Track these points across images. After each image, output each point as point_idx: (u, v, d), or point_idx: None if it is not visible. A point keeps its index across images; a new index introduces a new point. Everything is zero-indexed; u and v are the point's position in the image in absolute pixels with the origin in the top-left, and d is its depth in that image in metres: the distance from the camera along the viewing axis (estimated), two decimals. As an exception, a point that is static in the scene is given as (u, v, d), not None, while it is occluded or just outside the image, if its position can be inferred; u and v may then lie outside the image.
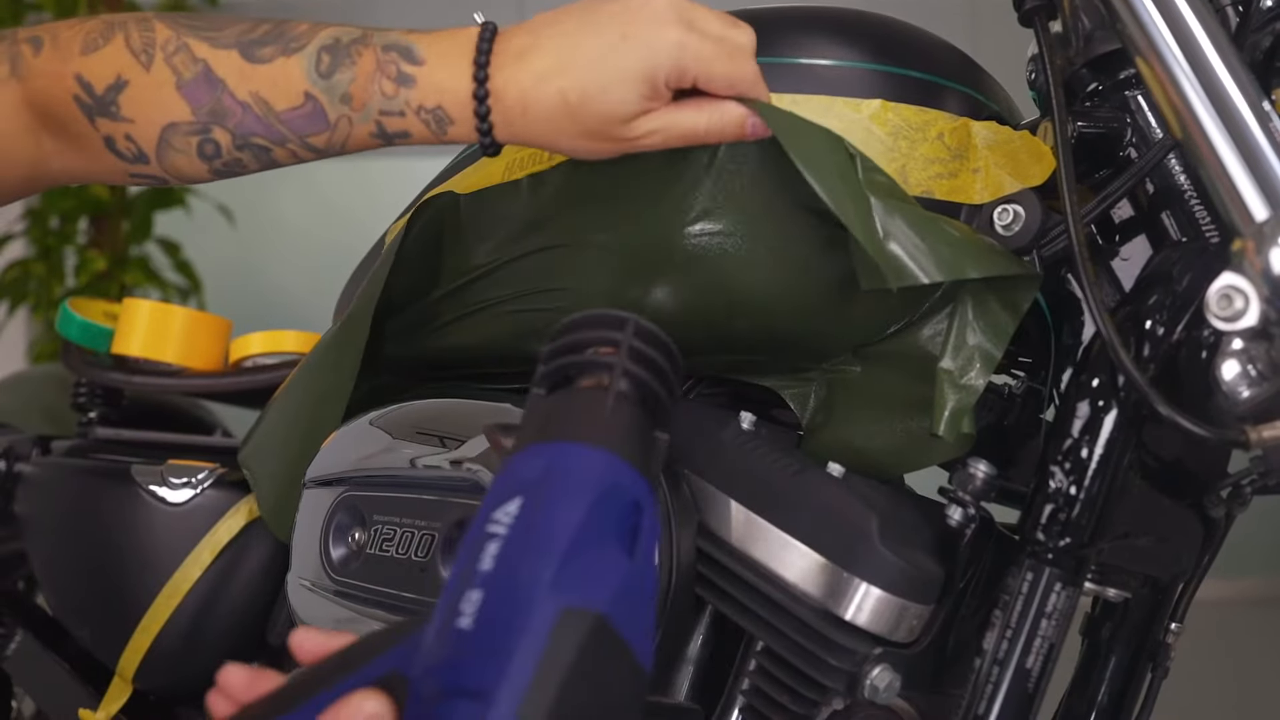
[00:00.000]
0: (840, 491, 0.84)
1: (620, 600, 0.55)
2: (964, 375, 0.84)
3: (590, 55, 0.77)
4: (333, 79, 0.79)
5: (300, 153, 0.82)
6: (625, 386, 0.61)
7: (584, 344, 0.63)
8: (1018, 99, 0.97)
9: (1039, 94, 0.93)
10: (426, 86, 0.79)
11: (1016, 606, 0.81)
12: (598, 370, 0.61)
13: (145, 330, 1.36)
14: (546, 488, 0.57)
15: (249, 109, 0.80)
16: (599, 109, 0.77)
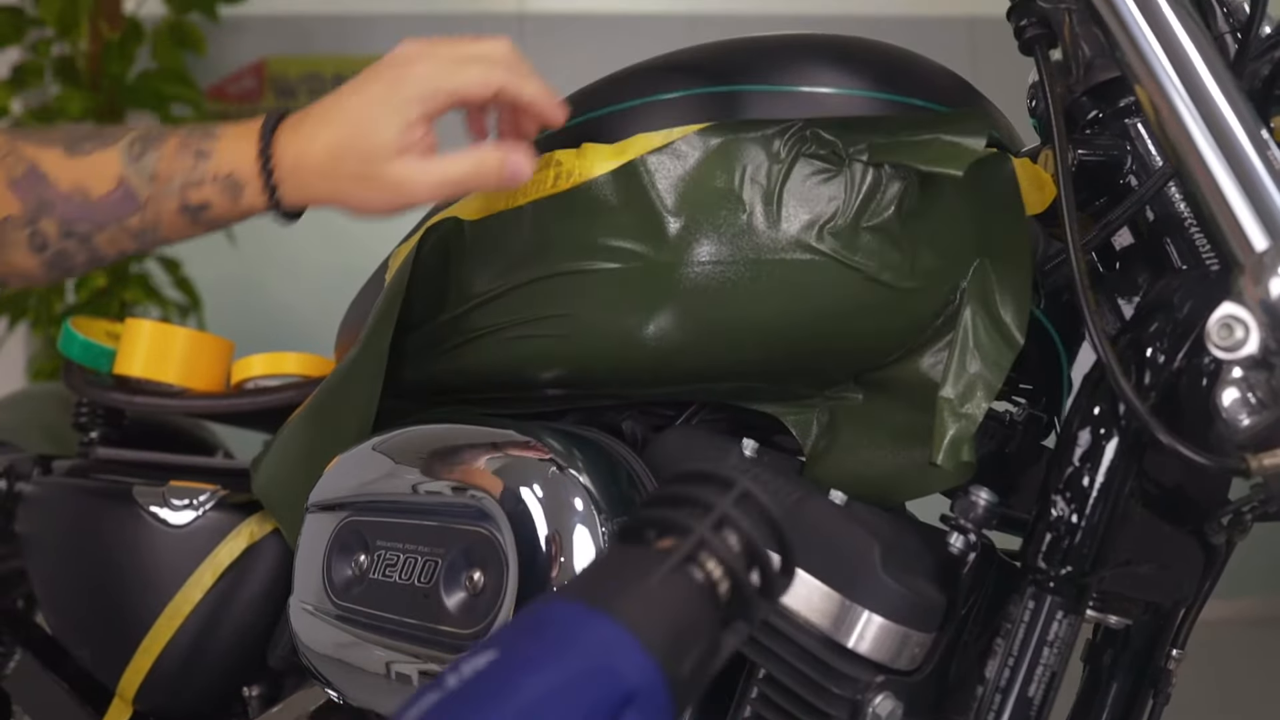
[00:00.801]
0: (842, 519, 0.84)
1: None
2: (964, 403, 0.84)
3: (347, 105, 0.84)
4: (142, 161, 0.87)
5: (119, 238, 0.88)
6: (695, 560, 0.53)
7: (679, 499, 0.56)
8: (1018, 127, 0.97)
9: (1039, 121, 0.94)
10: (221, 158, 0.86)
11: (1018, 634, 0.81)
12: (675, 533, 0.55)
13: (147, 350, 1.36)
14: (525, 646, 0.51)
15: (70, 199, 0.87)
16: (360, 149, 0.83)
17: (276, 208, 0.87)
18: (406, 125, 0.82)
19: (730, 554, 0.54)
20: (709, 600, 0.53)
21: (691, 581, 0.53)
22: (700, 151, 0.86)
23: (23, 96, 3.19)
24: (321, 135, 0.84)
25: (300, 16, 3.70)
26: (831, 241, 0.84)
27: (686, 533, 0.54)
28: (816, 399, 0.92)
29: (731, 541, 0.54)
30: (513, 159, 0.84)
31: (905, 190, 0.84)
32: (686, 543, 0.54)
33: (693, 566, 0.53)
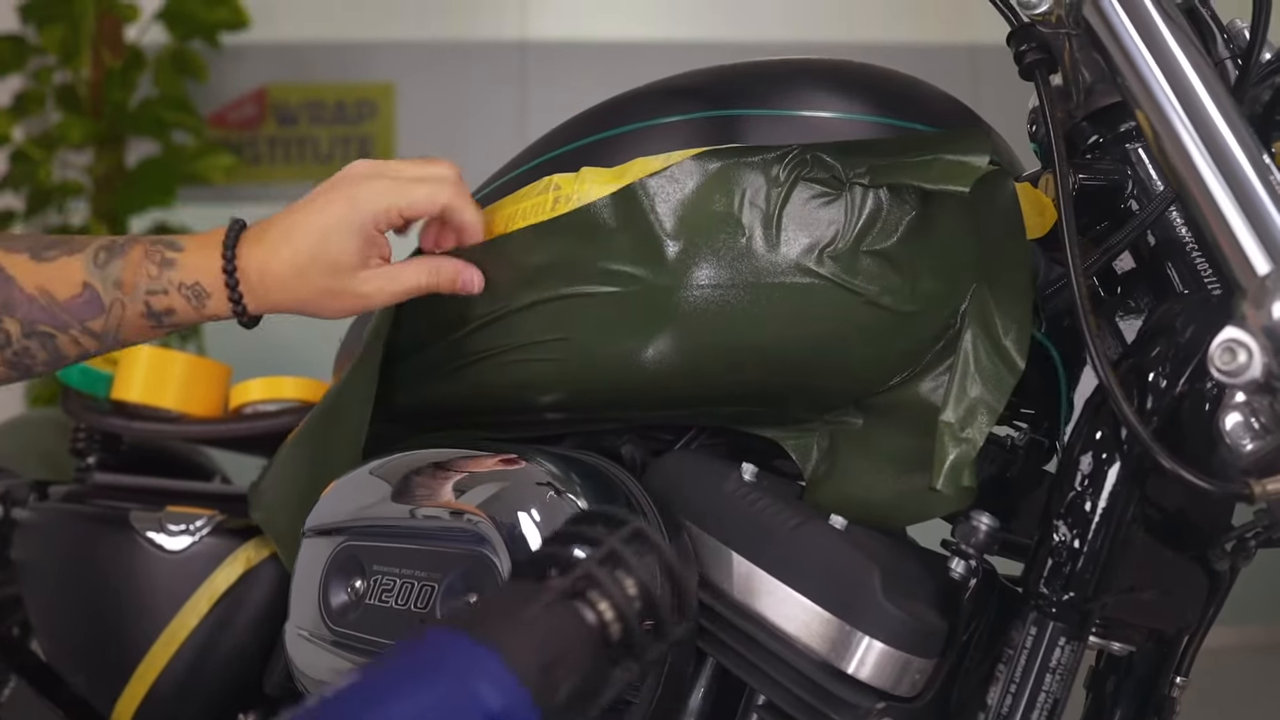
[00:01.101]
0: (842, 544, 0.83)
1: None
2: (965, 428, 0.84)
3: (309, 222, 0.89)
4: (107, 269, 0.90)
5: (82, 339, 0.91)
6: (584, 598, 0.55)
7: (572, 537, 0.58)
8: (1019, 153, 0.97)
9: (1040, 146, 0.94)
10: (185, 267, 0.90)
11: (1020, 661, 0.80)
12: (562, 568, 0.56)
13: (145, 376, 1.36)
14: (395, 667, 0.51)
15: (35, 300, 0.90)
16: (323, 264, 0.88)
17: (241, 315, 0.91)
18: (366, 241, 0.88)
19: (622, 596, 0.55)
20: (596, 638, 0.54)
21: (579, 618, 0.54)
22: (699, 175, 0.86)
23: (24, 124, 3.20)
24: (284, 251, 0.88)
25: (301, 44, 3.71)
26: (831, 265, 0.84)
27: (573, 567, 0.55)
28: (816, 423, 0.92)
29: (626, 584, 0.56)
30: (466, 273, 0.90)
31: (905, 214, 0.84)
32: (570, 576, 0.55)
33: (582, 605, 0.54)
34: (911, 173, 0.82)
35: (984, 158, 0.81)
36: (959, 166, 0.81)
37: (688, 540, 0.87)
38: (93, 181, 3.16)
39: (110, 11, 3.17)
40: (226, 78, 3.57)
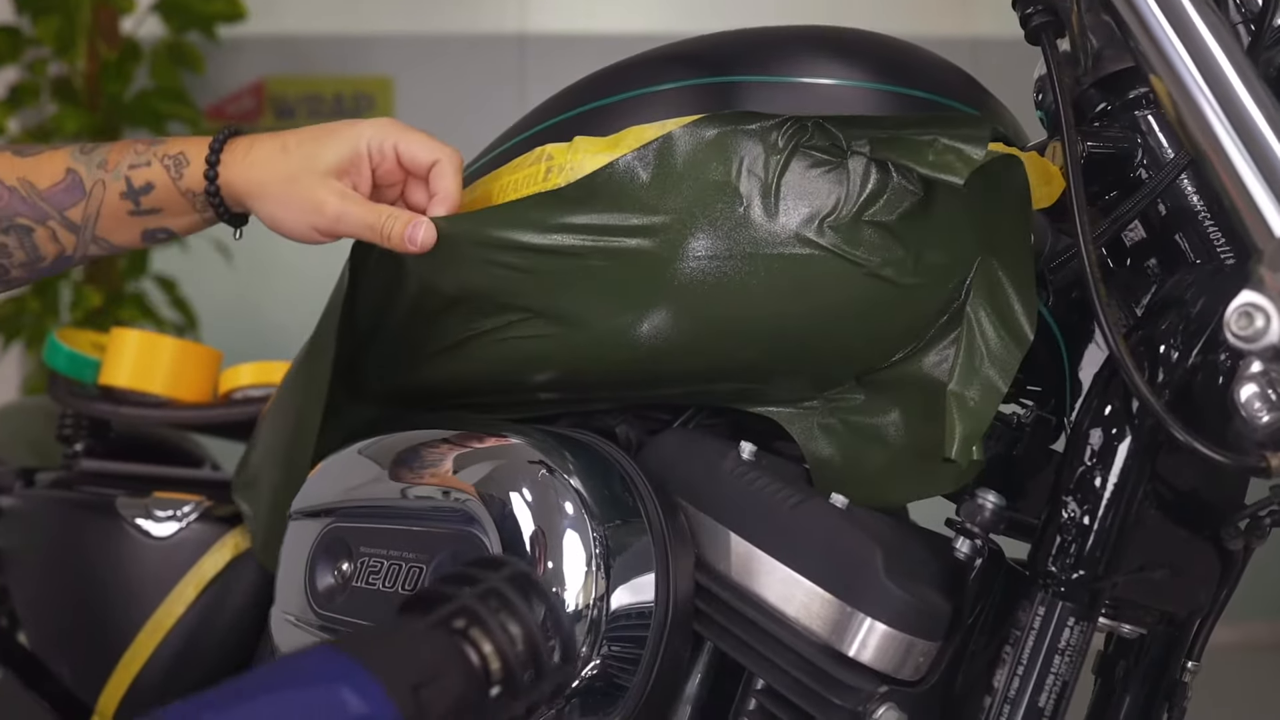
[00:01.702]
0: (843, 523, 0.81)
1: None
2: (973, 400, 0.81)
3: (314, 126, 0.90)
4: (92, 155, 0.90)
5: (60, 232, 0.90)
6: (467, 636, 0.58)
7: (461, 578, 0.61)
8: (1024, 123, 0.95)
9: (1046, 114, 0.91)
10: (173, 144, 0.90)
11: (1028, 642, 0.78)
12: (444, 602, 0.59)
13: (133, 361, 1.33)
14: (270, 675, 0.55)
15: (15, 192, 0.90)
16: (307, 153, 0.87)
17: (212, 183, 0.88)
18: (354, 158, 0.87)
19: (502, 633, 0.58)
20: (474, 670, 0.57)
21: (455, 647, 0.57)
22: (695, 143, 0.83)
23: (20, 116, 3.17)
24: (279, 137, 0.89)
25: (299, 37, 3.69)
26: (832, 235, 0.81)
27: (452, 600, 0.58)
28: (817, 401, 0.89)
29: (512, 629, 0.59)
30: (419, 226, 0.86)
31: (908, 184, 0.81)
32: (449, 608, 0.58)
33: (460, 639, 0.57)
34: (910, 151, 0.80)
35: (981, 149, 0.78)
36: (957, 154, 0.78)
37: (684, 521, 0.84)
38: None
39: (106, 3, 3.14)
40: (224, 70, 3.55)
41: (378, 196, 0.91)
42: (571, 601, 0.78)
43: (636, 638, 0.80)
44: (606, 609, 0.79)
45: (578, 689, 0.79)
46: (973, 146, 0.79)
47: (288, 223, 0.88)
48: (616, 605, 0.80)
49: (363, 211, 0.86)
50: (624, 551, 0.81)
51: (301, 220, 0.87)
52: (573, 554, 0.79)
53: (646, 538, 0.82)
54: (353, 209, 0.86)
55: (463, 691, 0.57)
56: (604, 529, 0.80)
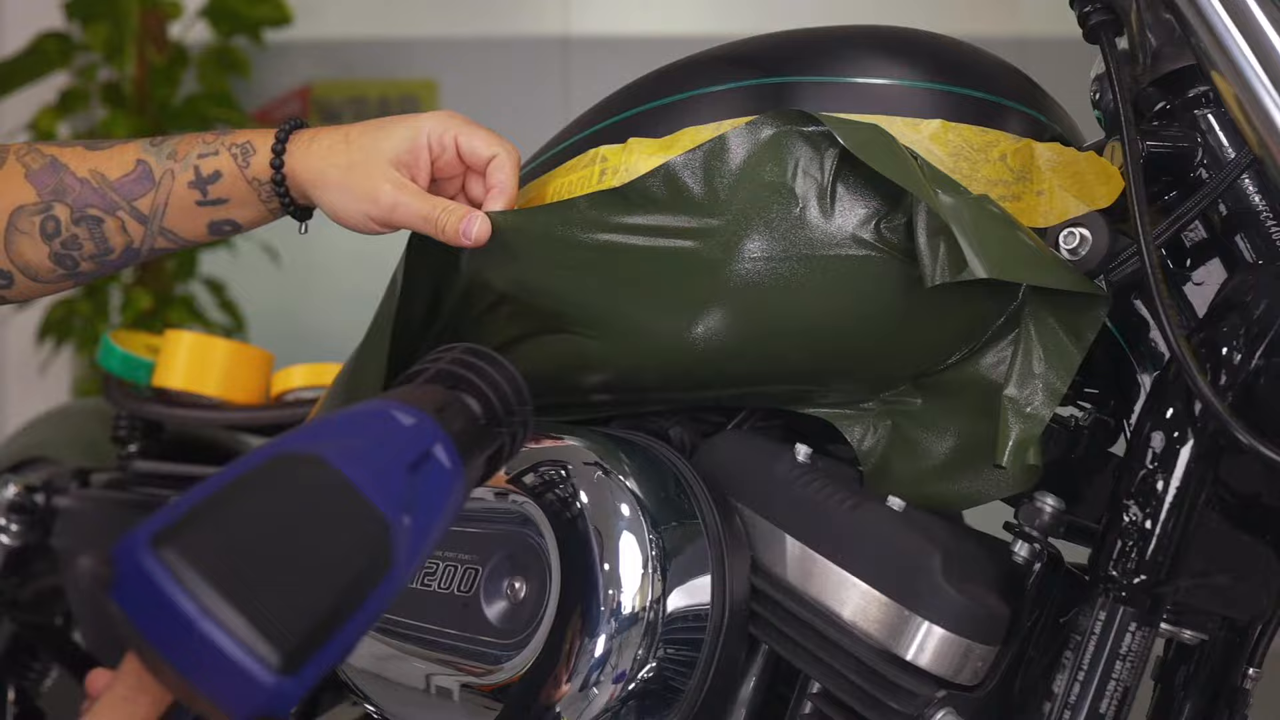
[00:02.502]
0: (900, 526, 0.80)
1: (356, 459, 0.59)
2: (1029, 404, 0.80)
3: (379, 120, 0.91)
4: (162, 146, 0.92)
5: (129, 223, 0.92)
6: (434, 375, 0.72)
7: (434, 359, 0.74)
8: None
9: (1104, 114, 0.90)
10: (241, 134, 0.92)
11: (1089, 647, 0.77)
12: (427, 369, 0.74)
13: (187, 363, 1.35)
14: (347, 412, 0.66)
15: (87, 183, 0.91)
16: (368, 142, 0.89)
17: (279, 170, 0.90)
18: (415, 150, 0.88)
19: (484, 391, 0.71)
20: (472, 412, 0.70)
21: (435, 382, 0.72)
22: (750, 145, 0.83)
23: (70, 121, 3.21)
24: (342, 128, 0.91)
25: (345, 41, 3.71)
26: (889, 236, 0.81)
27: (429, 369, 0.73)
28: (873, 403, 0.89)
29: (489, 390, 0.72)
30: (474, 219, 0.86)
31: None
32: (430, 369, 0.72)
33: (459, 396, 0.71)
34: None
35: None
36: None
37: (739, 523, 0.84)
38: (138, 178, 3.17)
39: (154, 8, 3.17)
40: (270, 75, 3.58)
41: (437, 190, 0.91)
42: (628, 604, 0.78)
43: (692, 640, 0.80)
44: (663, 611, 0.79)
45: (634, 691, 0.79)
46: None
47: (346, 211, 0.89)
48: (672, 608, 0.80)
49: (419, 203, 0.87)
50: (680, 554, 0.81)
51: (358, 209, 0.88)
52: (629, 556, 0.79)
53: (702, 540, 0.82)
54: (409, 199, 0.87)
55: (465, 416, 0.69)
56: (660, 531, 0.80)
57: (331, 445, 0.60)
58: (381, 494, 0.59)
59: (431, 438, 0.65)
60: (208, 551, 0.53)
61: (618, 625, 0.78)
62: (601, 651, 0.78)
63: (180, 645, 0.52)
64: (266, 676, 0.51)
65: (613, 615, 0.78)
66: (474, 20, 3.76)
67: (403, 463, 0.62)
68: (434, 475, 0.64)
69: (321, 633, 0.54)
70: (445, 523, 0.65)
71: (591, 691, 0.79)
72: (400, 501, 0.60)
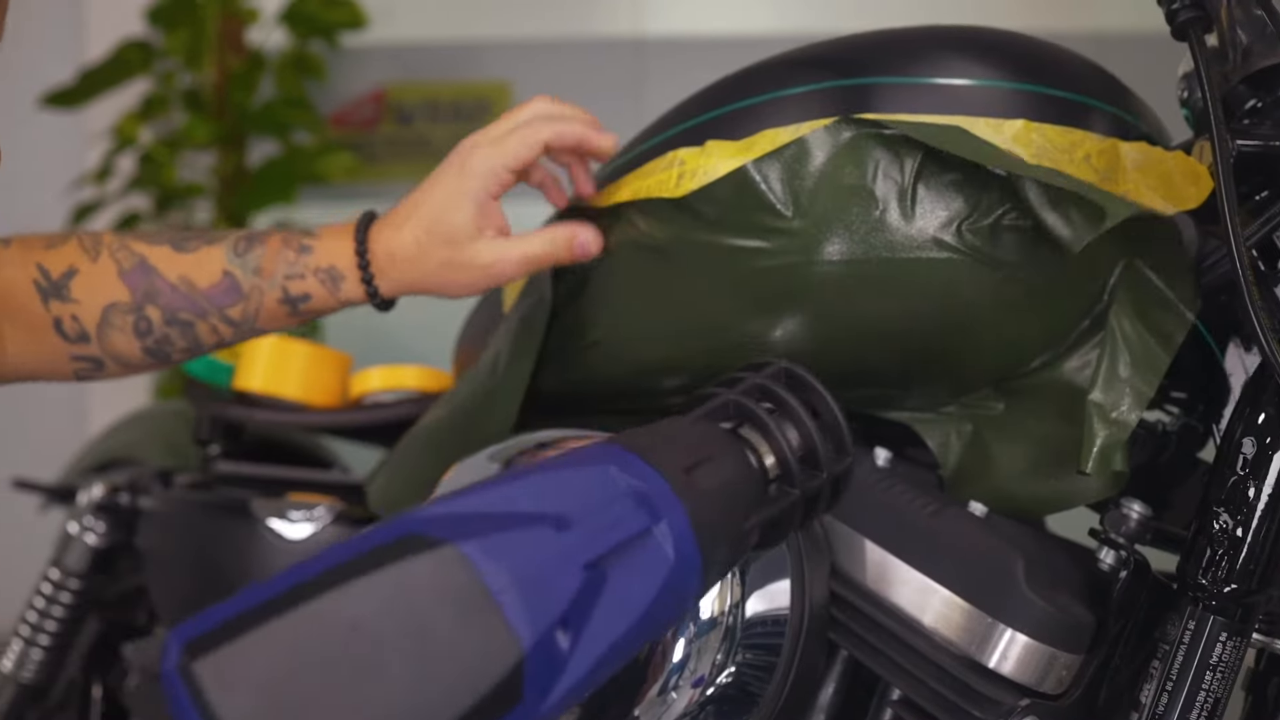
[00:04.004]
0: (983, 532, 0.79)
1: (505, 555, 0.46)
2: (1115, 409, 0.79)
3: (426, 199, 0.91)
4: (246, 257, 0.93)
5: (220, 327, 0.95)
6: (713, 413, 0.58)
7: (731, 381, 0.61)
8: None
9: (1192, 112, 0.88)
10: (321, 252, 0.93)
11: (1178, 657, 0.75)
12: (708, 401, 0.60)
13: (266, 366, 1.36)
14: (544, 460, 0.54)
15: (177, 289, 0.93)
16: (441, 235, 0.90)
17: (374, 297, 0.93)
18: (480, 210, 0.89)
19: (774, 431, 0.57)
20: (749, 463, 0.57)
21: (722, 431, 0.57)
22: (830, 147, 0.82)
23: (151, 126, 3.26)
24: (408, 227, 0.91)
25: (419, 44, 3.73)
26: (970, 239, 0.80)
27: (715, 398, 0.60)
28: (953, 407, 0.88)
29: (789, 433, 0.58)
30: (582, 234, 0.89)
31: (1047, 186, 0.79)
32: (714, 403, 0.58)
33: (739, 443, 0.57)
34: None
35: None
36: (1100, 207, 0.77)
37: (819, 527, 0.84)
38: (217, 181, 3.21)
39: (233, 15, 3.22)
40: (345, 78, 3.61)
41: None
42: (707, 608, 0.78)
43: (771, 645, 0.80)
44: (741, 616, 0.79)
45: (712, 696, 0.79)
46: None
47: (465, 291, 0.92)
48: (751, 612, 0.79)
49: (524, 250, 0.89)
50: (759, 558, 0.80)
51: (476, 285, 0.91)
52: (708, 560, 0.79)
53: (781, 544, 0.81)
54: (513, 254, 0.89)
55: (733, 473, 0.56)
56: None
57: (485, 538, 0.47)
58: (526, 610, 0.46)
59: (652, 514, 0.51)
60: (257, 671, 0.44)
61: (697, 629, 0.78)
62: (680, 656, 0.78)
63: None
64: None
65: (692, 619, 0.78)
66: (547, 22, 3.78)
67: (588, 555, 0.48)
68: (639, 564, 0.50)
69: None
70: (649, 627, 0.50)
71: (670, 696, 0.78)
72: (554, 620, 0.46)
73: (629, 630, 0.50)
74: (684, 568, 0.51)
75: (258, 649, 0.44)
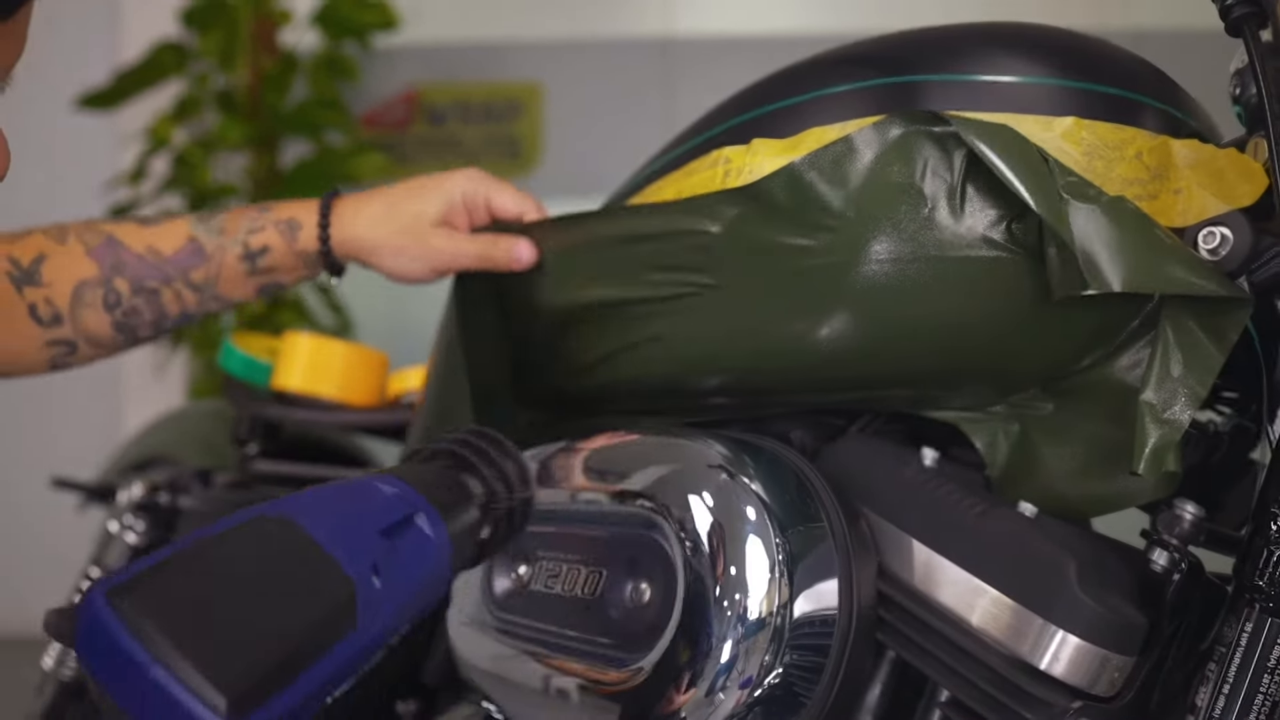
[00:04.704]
0: (1033, 532, 0.79)
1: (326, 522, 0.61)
2: (1167, 409, 0.78)
3: (410, 182, 1.02)
4: (210, 222, 1.01)
5: (184, 293, 1.00)
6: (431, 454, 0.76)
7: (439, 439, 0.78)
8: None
9: (1244, 109, 0.87)
10: (283, 209, 1.01)
11: (1235, 660, 0.74)
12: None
13: (305, 365, 1.36)
14: (332, 484, 0.69)
15: (143, 259, 0.99)
16: (410, 209, 0.99)
17: (325, 244, 0.99)
18: (451, 207, 0.99)
19: (480, 469, 0.75)
20: (451, 472, 0.74)
21: (438, 462, 0.75)
22: (878, 145, 0.81)
23: (185, 127, 3.28)
24: (378, 199, 1.00)
25: (450, 45, 3.74)
26: (1020, 237, 0.79)
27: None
28: (1001, 407, 0.87)
29: (486, 469, 0.75)
30: (520, 245, 0.97)
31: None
32: (434, 450, 0.76)
33: (455, 472, 0.74)
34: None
35: None
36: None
37: (865, 527, 0.83)
38: (250, 182, 3.23)
39: (266, 16, 3.23)
40: (377, 79, 3.62)
41: None
42: (755, 609, 0.77)
43: (819, 646, 0.79)
44: (789, 617, 0.78)
45: (760, 698, 0.78)
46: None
47: (406, 269, 1.00)
48: (799, 613, 0.79)
49: (469, 245, 0.98)
50: (806, 558, 0.80)
51: (419, 265, 0.99)
52: (756, 560, 0.78)
53: (828, 544, 0.81)
54: (460, 245, 0.98)
55: (461, 490, 0.73)
56: (786, 534, 0.79)
57: (306, 510, 0.61)
58: (348, 554, 0.60)
59: (412, 506, 0.67)
60: (163, 603, 0.54)
61: (745, 630, 0.77)
62: (728, 657, 0.77)
63: (134, 693, 0.53)
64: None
65: (739, 620, 0.77)
66: (577, 22, 3.78)
67: (376, 527, 0.64)
68: (413, 541, 0.65)
69: (272, 680, 0.54)
70: (427, 590, 0.67)
71: (717, 697, 0.78)
72: (369, 563, 0.61)
73: (419, 584, 0.65)
74: (442, 545, 0.67)
75: (167, 581, 0.56)
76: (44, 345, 0.99)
